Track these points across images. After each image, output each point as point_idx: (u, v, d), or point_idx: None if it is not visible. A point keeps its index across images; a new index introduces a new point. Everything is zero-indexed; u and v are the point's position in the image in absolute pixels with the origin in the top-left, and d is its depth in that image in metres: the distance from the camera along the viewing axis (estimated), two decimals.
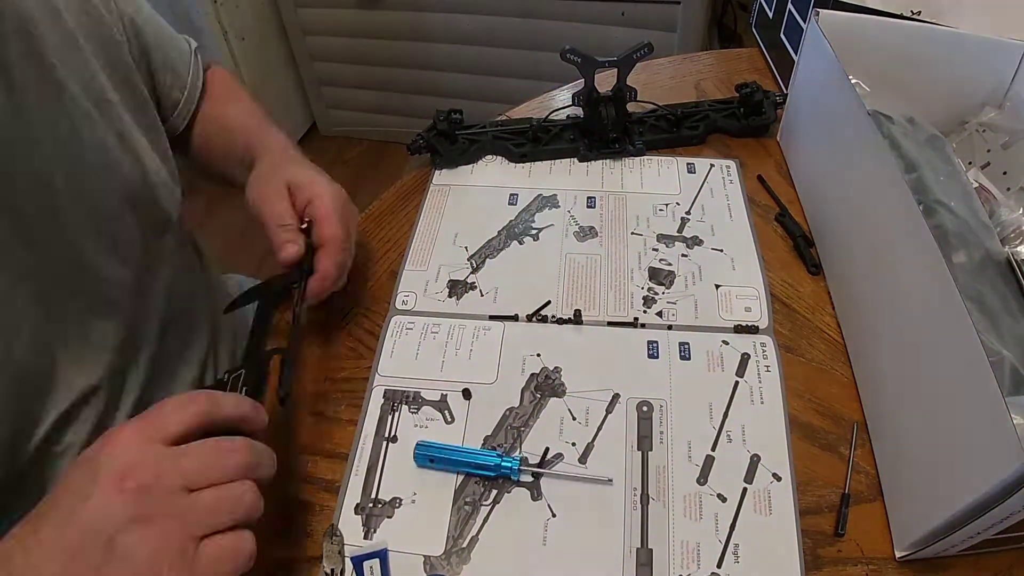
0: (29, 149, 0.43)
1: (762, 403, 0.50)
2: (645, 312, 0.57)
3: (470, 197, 0.68)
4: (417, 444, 0.48)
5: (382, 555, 0.43)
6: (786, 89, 0.72)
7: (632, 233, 0.64)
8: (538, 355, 0.54)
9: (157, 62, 0.58)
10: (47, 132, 0.44)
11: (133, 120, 0.52)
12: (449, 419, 0.50)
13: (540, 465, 0.47)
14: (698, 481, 0.46)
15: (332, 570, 0.43)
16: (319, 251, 0.51)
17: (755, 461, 0.47)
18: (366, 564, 0.43)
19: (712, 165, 0.71)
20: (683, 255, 0.61)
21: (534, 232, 0.64)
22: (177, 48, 0.61)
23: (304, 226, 0.52)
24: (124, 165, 0.50)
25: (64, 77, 0.45)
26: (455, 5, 1.67)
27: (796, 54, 0.69)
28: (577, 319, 0.56)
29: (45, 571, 0.30)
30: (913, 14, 0.66)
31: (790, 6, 0.78)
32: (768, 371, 0.52)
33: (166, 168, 0.54)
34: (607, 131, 0.71)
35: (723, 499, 0.45)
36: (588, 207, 0.67)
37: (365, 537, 0.45)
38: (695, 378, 0.52)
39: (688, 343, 0.54)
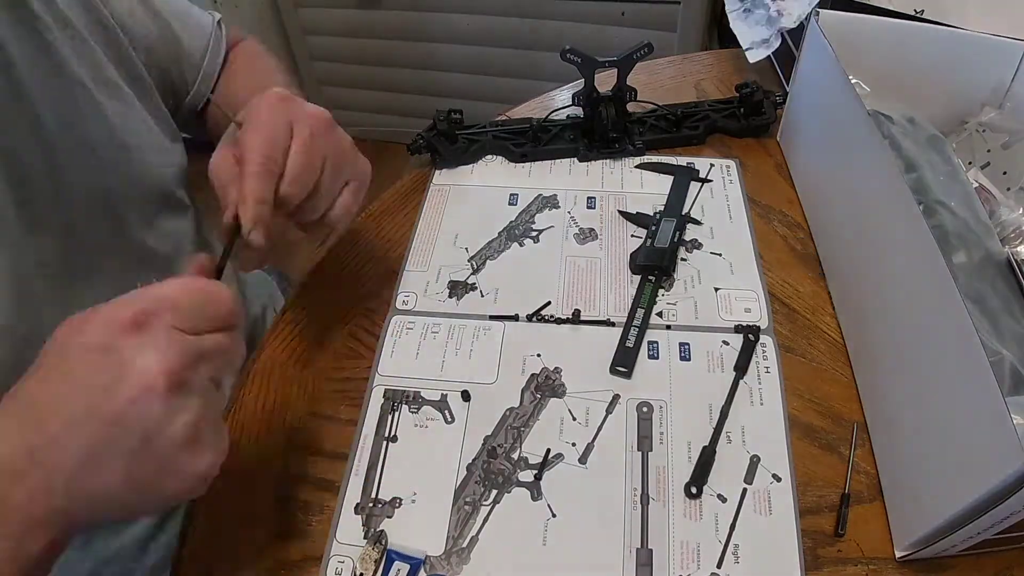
0: (32, 126, 0.43)
1: (762, 403, 0.50)
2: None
3: (470, 197, 0.68)
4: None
5: (415, 564, 0.43)
6: (787, 89, 0.72)
7: (632, 235, 0.64)
8: (538, 355, 0.54)
9: (187, 51, 0.59)
10: (49, 110, 0.44)
11: (139, 101, 0.52)
12: (449, 419, 0.50)
13: (541, 466, 0.47)
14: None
15: (361, 574, 0.43)
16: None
17: (755, 461, 0.47)
18: (397, 564, 0.43)
19: (712, 165, 0.71)
20: (682, 259, 0.61)
21: (534, 234, 0.64)
22: (194, 31, 0.60)
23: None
24: (131, 143, 0.50)
25: (65, 56, 0.46)
26: (455, 5, 1.67)
27: (796, 54, 0.69)
28: (577, 319, 0.56)
29: (63, 469, 0.29)
30: (917, 13, 0.66)
31: None
32: (768, 371, 0.52)
33: (175, 149, 0.56)
34: (607, 131, 0.71)
35: (723, 499, 0.45)
36: (588, 207, 0.66)
37: (364, 537, 0.45)
38: (695, 378, 0.52)
39: (688, 343, 0.54)
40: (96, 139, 0.48)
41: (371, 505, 0.46)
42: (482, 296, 0.59)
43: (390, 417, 0.51)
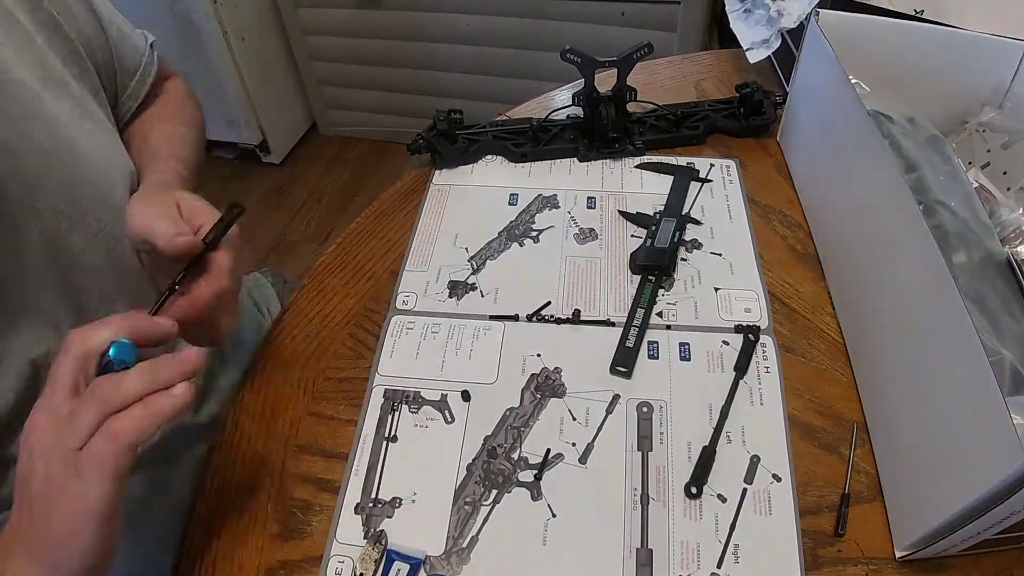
0: None
1: (762, 403, 0.50)
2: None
3: (470, 197, 0.68)
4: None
5: (415, 564, 0.43)
6: (786, 89, 0.72)
7: (632, 235, 0.64)
8: (538, 355, 0.54)
9: (117, 55, 0.57)
10: None
11: (91, 97, 0.51)
12: (449, 419, 0.50)
13: (541, 466, 0.47)
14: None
15: (362, 574, 0.43)
16: (202, 276, 0.45)
17: (755, 461, 0.47)
18: (397, 564, 0.43)
19: (712, 165, 0.71)
20: (682, 259, 0.61)
21: (534, 234, 0.64)
22: (132, 43, 0.59)
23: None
24: (82, 143, 0.49)
25: (6, 59, 0.45)
26: (455, 5, 1.67)
27: (796, 54, 0.69)
28: (577, 319, 0.56)
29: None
30: (917, 13, 0.66)
31: None
32: (768, 371, 0.52)
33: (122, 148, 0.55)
34: (607, 131, 0.71)
35: (723, 499, 0.45)
36: (588, 207, 0.66)
37: (364, 537, 0.45)
38: (695, 378, 0.52)
39: (688, 343, 0.54)
40: (42, 141, 0.46)
41: (371, 505, 0.46)
42: (482, 296, 0.59)
43: (390, 417, 0.51)
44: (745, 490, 0.46)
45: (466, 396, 0.52)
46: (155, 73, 0.62)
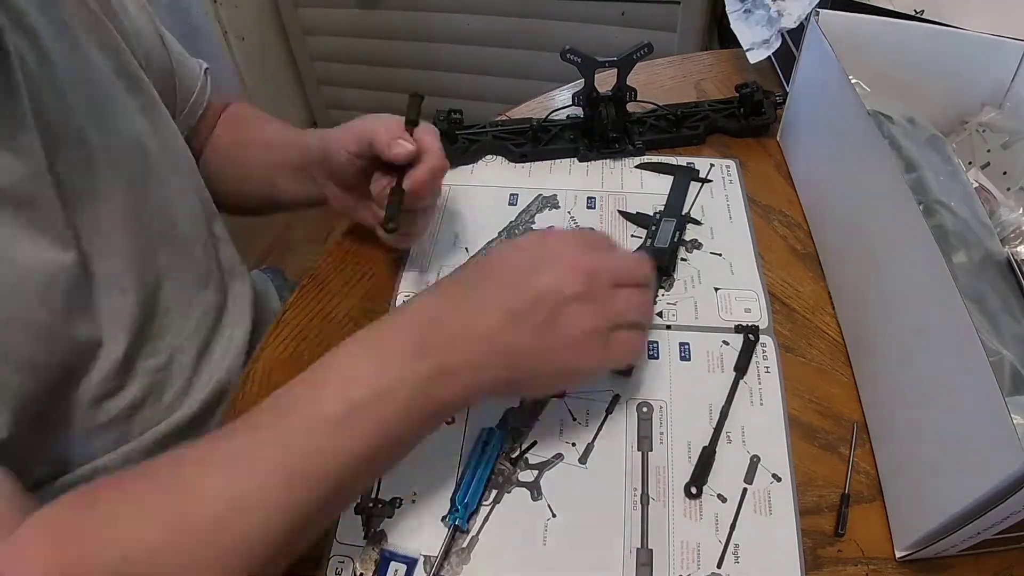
0: (58, 98, 0.46)
1: (762, 403, 0.50)
2: None
3: (470, 197, 0.68)
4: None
5: (410, 563, 0.43)
6: (787, 89, 0.72)
7: (632, 235, 0.64)
8: None
9: (177, 75, 0.62)
10: (73, 87, 0.47)
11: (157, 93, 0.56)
12: (449, 419, 0.50)
13: (541, 466, 0.47)
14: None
15: (362, 574, 0.43)
16: (414, 164, 0.51)
17: (755, 461, 0.47)
18: (393, 564, 0.43)
19: (712, 165, 0.71)
20: (682, 259, 0.61)
21: None
22: (189, 68, 0.64)
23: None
24: (147, 130, 0.53)
25: (84, 40, 0.49)
26: (455, 5, 1.67)
27: (796, 54, 0.69)
28: None
29: (481, 326, 0.37)
30: (917, 13, 0.66)
31: None
32: (768, 371, 0.52)
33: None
34: (607, 131, 0.71)
35: (723, 499, 0.45)
36: (588, 207, 0.66)
37: (364, 537, 0.45)
38: (695, 378, 0.52)
39: (688, 343, 0.54)
40: (119, 127, 0.50)
41: (371, 505, 0.46)
42: None
43: None
44: (745, 490, 0.46)
45: None
46: (209, 97, 0.66)
